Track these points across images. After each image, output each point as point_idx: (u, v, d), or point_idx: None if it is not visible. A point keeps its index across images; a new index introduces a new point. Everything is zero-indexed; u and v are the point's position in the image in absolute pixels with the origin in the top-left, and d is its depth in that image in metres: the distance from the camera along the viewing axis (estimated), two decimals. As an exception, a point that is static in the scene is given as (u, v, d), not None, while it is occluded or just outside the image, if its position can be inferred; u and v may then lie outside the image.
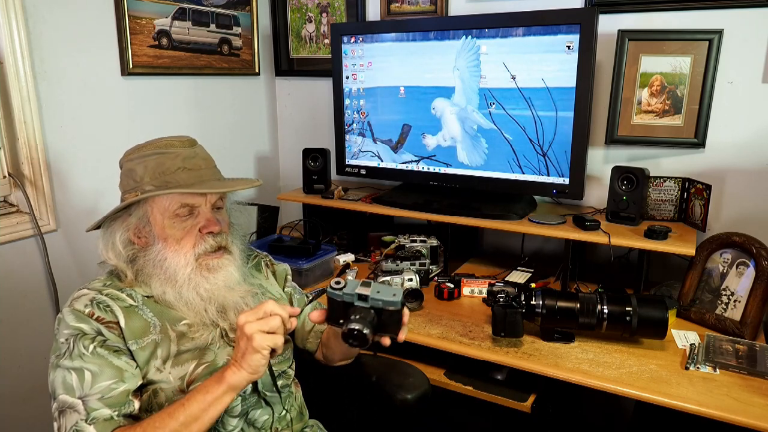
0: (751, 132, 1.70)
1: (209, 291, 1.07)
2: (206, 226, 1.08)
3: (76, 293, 1.05)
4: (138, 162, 1.07)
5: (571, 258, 1.69)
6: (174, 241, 1.06)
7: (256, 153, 2.49)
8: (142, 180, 1.06)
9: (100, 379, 0.96)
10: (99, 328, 0.99)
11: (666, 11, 1.73)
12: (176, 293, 1.06)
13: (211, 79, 2.21)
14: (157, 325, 1.05)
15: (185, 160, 1.07)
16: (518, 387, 1.45)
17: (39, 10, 1.62)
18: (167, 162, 1.06)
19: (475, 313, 1.61)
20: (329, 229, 2.18)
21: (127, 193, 1.08)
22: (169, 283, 1.06)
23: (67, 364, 0.97)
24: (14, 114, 1.60)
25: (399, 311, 0.94)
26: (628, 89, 1.79)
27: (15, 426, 1.69)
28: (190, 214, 1.08)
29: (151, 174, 1.05)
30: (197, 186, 1.06)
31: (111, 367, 0.97)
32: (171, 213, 1.06)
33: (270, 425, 1.14)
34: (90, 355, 0.97)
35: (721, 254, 1.57)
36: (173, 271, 1.06)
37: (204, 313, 1.08)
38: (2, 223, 1.61)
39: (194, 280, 1.07)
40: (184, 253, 1.06)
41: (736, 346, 1.39)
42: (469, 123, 1.84)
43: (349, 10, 2.25)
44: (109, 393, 0.95)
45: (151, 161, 1.06)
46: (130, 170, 1.07)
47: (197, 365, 1.05)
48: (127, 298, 1.05)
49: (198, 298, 1.07)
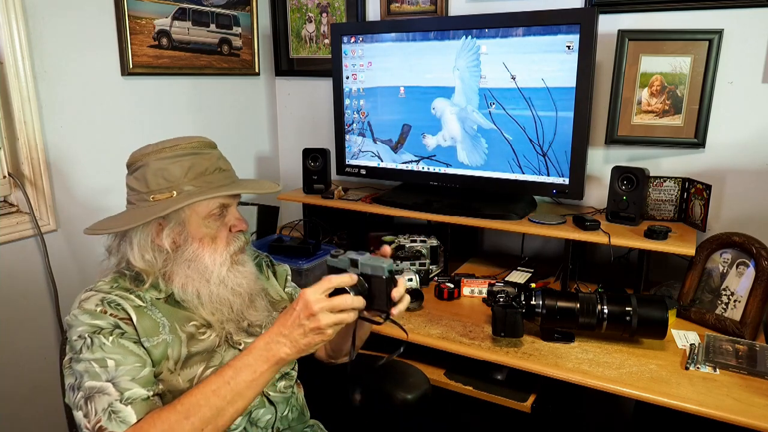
0: (751, 132, 1.70)
1: (242, 285, 1.10)
2: (236, 225, 1.11)
3: (83, 295, 1.03)
4: (172, 161, 1.05)
5: (571, 258, 1.69)
6: (209, 241, 1.08)
7: (256, 153, 2.49)
8: (177, 180, 1.04)
9: (125, 362, 0.94)
10: (116, 322, 0.98)
11: (666, 11, 1.73)
12: (209, 292, 1.07)
13: (211, 79, 2.21)
14: (167, 325, 1.05)
15: (218, 161, 1.10)
16: (518, 387, 1.45)
17: (39, 10, 1.62)
18: (204, 162, 1.07)
19: (475, 313, 1.61)
20: (329, 229, 2.18)
21: (156, 193, 1.04)
22: (202, 282, 1.07)
23: (88, 356, 0.95)
24: (14, 114, 1.60)
25: (385, 280, 0.93)
26: (628, 89, 1.79)
27: (15, 426, 1.69)
28: (221, 214, 1.10)
29: (187, 174, 1.05)
30: (233, 186, 1.08)
31: (133, 355, 0.96)
32: (207, 213, 1.07)
33: (272, 425, 1.14)
34: (111, 345, 0.95)
35: (721, 254, 1.57)
36: (208, 269, 1.07)
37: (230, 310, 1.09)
38: (2, 223, 1.61)
39: (228, 276, 1.09)
40: (219, 252, 1.08)
41: (736, 346, 1.39)
42: (469, 123, 1.84)
43: (349, 10, 2.25)
44: (138, 373, 0.95)
45: (187, 161, 1.06)
46: (162, 169, 1.05)
47: (205, 368, 1.06)
48: (135, 299, 1.05)
49: (229, 293, 1.09)
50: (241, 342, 1.13)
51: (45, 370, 1.73)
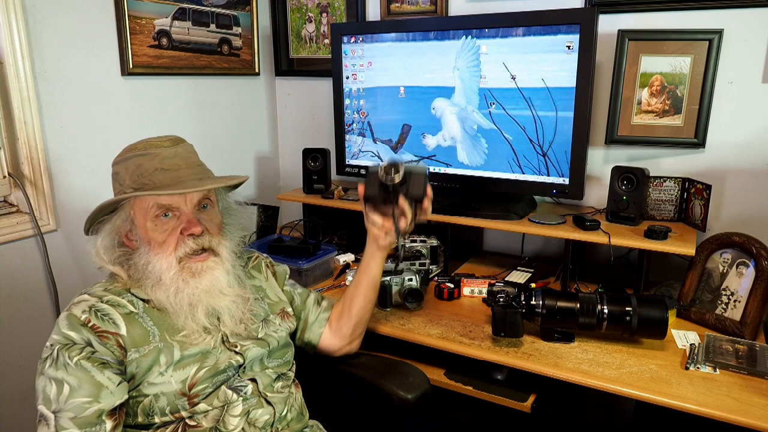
0: (751, 132, 1.70)
1: (191, 296, 1.06)
2: (186, 228, 1.06)
3: (77, 298, 1.04)
4: (121, 165, 1.08)
5: (571, 258, 1.69)
6: (157, 244, 1.05)
7: (256, 153, 2.49)
8: (124, 183, 1.06)
9: (77, 394, 0.95)
10: (89, 339, 0.98)
11: (666, 11, 1.73)
12: (166, 297, 1.05)
13: (211, 79, 2.21)
14: (156, 334, 1.04)
15: (163, 161, 1.06)
16: (518, 387, 1.45)
17: (39, 10, 1.62)
18: (145, 163, 1.06)
19: (475, 313, 1.61)
20: (329, 229, 2.18)
21: (115, 195, 1.08)
22: (158, 287, 1.05)
23: (50, 373, 0.96)
24: (14, 114, 1.60)
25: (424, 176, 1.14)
26: (628, 89, 1.79)
27: (15, 426, 1.69)
28: (172, 216, 1.06)
29: (131, 176, 1.05)
30: (173, 187, 1.04)
31: (91, 383, 0.96)
32: (151, 215, 1.05)
33: (270, 425, 1.14)
34: (74, 366, 0.96)
35: (721, 254, 1.57)
36: (158, 274, 1.05)
37: (194, 318, 1.06)
38: (2, 223, 1.61)
39: (178, 284, 1.05)
40: (166, 256, 1.05)
41: (736, 346, 1.39)
42: (469, 123, 1.84)
43: (349, 10, 2.25)
44: (82, 412, 0.94)
45: (132, 163, 1.06)
46: (116, 173, 1.09)
47: (199, 368, 1.06)
48: (127, 304, 1.05)
49: (186, 303, 1.05)
50: (237, 344, 1.12)
51: (45, 370, 1.73)
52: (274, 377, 1.18)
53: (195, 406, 1.05)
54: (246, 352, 1.13)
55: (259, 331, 1.18)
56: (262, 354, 1.16)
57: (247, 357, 1.13)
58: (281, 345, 1.22)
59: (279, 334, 1.21)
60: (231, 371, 1.10)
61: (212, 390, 1.07)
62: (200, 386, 1.05)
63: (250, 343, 1.14)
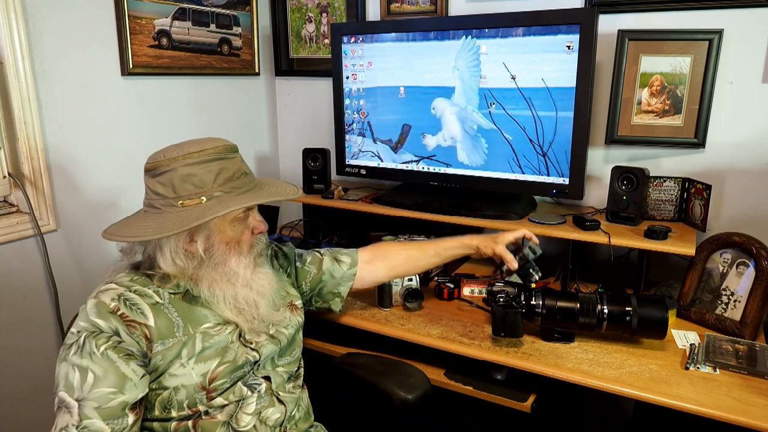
0: (751, 132, 1.70)
1: (264, 287, 1.13)
2: (257, 227, 1.13)
3: (104, 286, 1.04)
4: (200, 167, 1.05)
5: (571, 258, 1.69)
6: (235, 244, 1.10)
7: (256, 153, 2.49)
8: (207, 186, 1.04)
9: (101, 384, 0.94)
10: (117, 328, 0.98)
11: (666, 11, 1.73)
12: (233, 293, 1.09)
13: (211, 79, 2.21)
14: (180, 326, 1.05)
15: (242, 164, 1.12)
16: (518, 387, 1.45)
17: (39, 10, 1.62)
18: (231, 167, 1.08)
19: (475, 313, 1.61)
20: (329, 229, 2.18)
21: (185, 199, 1.04)
22: (228, 284, 1.09)
23: (75, 360, 0.95)
24: (14, 114, 1.60)
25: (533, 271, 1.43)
26: (628, 89, 1.79)
27: (15, 426, 1.69)
28: (245, 217, 1.12)
29: (219, 180, 1.06)
30: (258, 192, 1.10)
31: (116, 374, 0.96)
32: (233, 217, 1.08)
33: (280, 424, 1.15)
34: (99, 356, 0.95)
35: (721, 254, 1.57)
36: (234, 273, 1.09)
37: (256, 310, 1.12)
38: (2, 223, 1.61)
39: (253, 279, 1.12)
40: (244, 255, 1.11)
41: (736, 346, 1.39)
42: (469, 123, 1.84)
43: (349, 10, 2.25)
44: (106, 403, 0.94)
45: (215, 166, 1.06)
46: (190, 175, 1.04)
47: (219, 363, 1.07)
48: (153, 294, 1.05)
49: (255, 295, 1.11)
50: (253, 341, 1.14)
51: (45, 370, 1.73)
52: (286, 377, 1.19)
53: (212, 401, 1.06)
54: (261, 349, 1.15)
55: (270, 328, 1.19)
56: (274, 352, 1.18)
57: (262, 354, 1.14)
58: (290, 341, 1.23)
59: (288, 331, 1.22)
60: (247, 367, 1.12)
61: (230, 385, 1.09)
62: (219, 381, 1.07)
63: (264, 340, 1.16)
